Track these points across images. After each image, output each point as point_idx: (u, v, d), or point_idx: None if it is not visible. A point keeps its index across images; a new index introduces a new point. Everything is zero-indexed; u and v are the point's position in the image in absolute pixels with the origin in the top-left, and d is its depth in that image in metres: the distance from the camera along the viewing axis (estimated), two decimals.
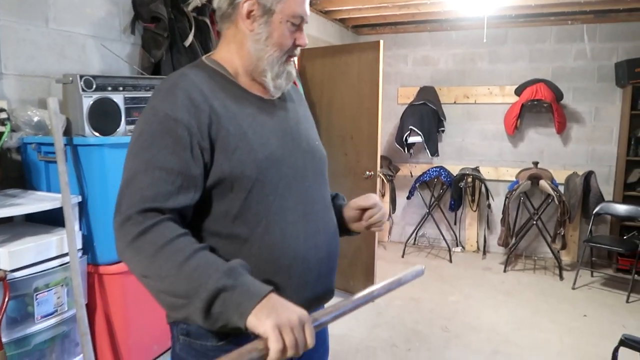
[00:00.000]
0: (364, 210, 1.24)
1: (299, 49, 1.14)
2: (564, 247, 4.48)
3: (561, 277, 4.37)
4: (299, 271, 1.06)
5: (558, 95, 4.67)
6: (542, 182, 4.48)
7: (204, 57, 1.15)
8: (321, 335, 1.26)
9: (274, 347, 0.80)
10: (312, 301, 1.11)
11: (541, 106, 4.75)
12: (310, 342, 0.85)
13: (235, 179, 1.00)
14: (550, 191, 4.39)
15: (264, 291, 0.86)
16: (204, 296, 0.85)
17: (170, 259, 0.88)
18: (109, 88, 1.90)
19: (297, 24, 1.10)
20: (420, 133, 4.86)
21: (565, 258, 4.85)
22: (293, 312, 0.85)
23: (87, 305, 1.74)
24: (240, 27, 1.09)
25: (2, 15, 1.86)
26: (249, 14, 1.07)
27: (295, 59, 1.19)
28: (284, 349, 0.81)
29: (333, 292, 1.22)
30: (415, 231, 5.24)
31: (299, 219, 1.07)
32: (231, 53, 1.11)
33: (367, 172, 3.72)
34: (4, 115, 1.76)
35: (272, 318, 0.82)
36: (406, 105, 5.16)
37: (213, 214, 1.02)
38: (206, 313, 0.86)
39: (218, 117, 1.01)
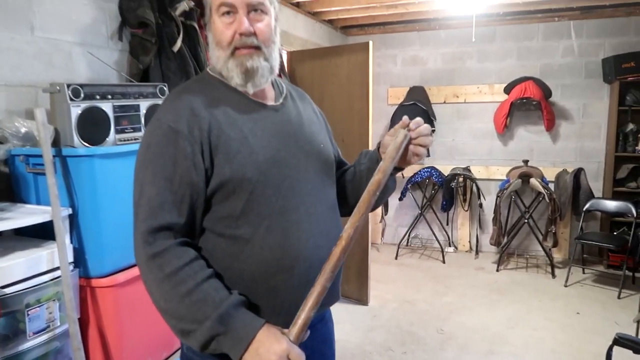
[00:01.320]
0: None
1: (248, 38, 1.06)
2: (555, 244, 4.51)
3: (553, 275, 4.40)
4: (301, 271, 1.07)
5: (547, 92, 4.70)
6: (533, 180, 4.51)
7: (208, 68, 1.17)
8: (323, 336, 1.28)
9: None
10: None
11: (530, 104, 4.76)
12: None
13: (237, 182, 1.02)
14: (541, 189, 4.42)
15: (251, 335, 0.94)
16: (200, 339, 0.94)
17: (174, 289, 0.95)
18: (97, 97, 1.86)
19: (229, 12, 1.05)
20: None
21: (557, 255, 4.88)
22: (274, 353, 0.92)
23: (79, 319, 1.70)
24: None
25: None
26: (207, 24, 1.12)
27: (275, 50, 1.13)
28: None
29: (338, 295, 1.24)
30: (408, 232, 5.25)
31: (301, 219, 1.09)
32: None
33: None
34: None
35: None
36: (396, 106, 5.17)
37: (217, 216, 1.05)
38: (202, 349, 0.96)
39: (218, 123, 1.04)
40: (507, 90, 4.83)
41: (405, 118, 1.17)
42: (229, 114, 1.06)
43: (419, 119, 1.17)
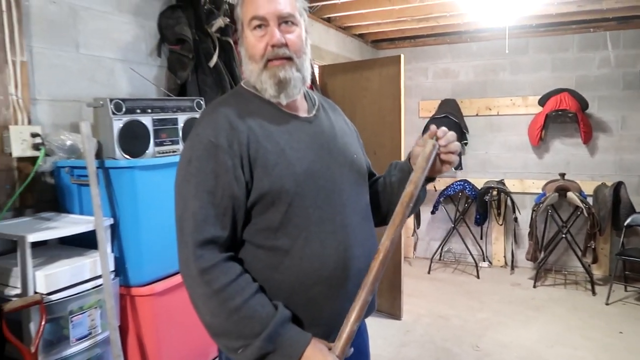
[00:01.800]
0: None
1: (280, 49, 1.09)
2: (595, 260, 4.35)
3: (593, 292, 4.24)
4: (339, 281, 1.09)
5: (583, 104, 4.59)
6: (570, 194, 4.38)
7: (242, 82, 1.20)
8: (357, 348, 1.26)
9: None
10: None
11: (566, 116, 4.66)
12: None
13: (276, 193, 1.04)
14: (579, 203, 4.29)
15: (299, 352, 0.96)
16: (250, 357, 0.96)
17: (222, 305, 0.97)
18: (138, 110, 1.93)
19: (260, 26, 1.08)
20: None
21: (597, 272, 4.70)
22: None
23: (119, 327, 1.74)
24: None
25: (35, 42, 1.91)
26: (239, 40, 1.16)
27: (305, 62, 1.14)
28: None
29: (374, 305, 1.24)
30: (441, 246, 5.16)
31: (338, 229, 1.10)
32: None
33: None
34: (38, 140, 1.80)
35: None
36: (428, 119, 5.14)
37: (257, 227, 1.07)
38: None
39: (256, 136, 1.06)
40: (542, 102, 4.74)
41: (432, 127, 1.17)
42: (264, 127, 1.08)
43: (444, 128, 1.18)
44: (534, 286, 4.46)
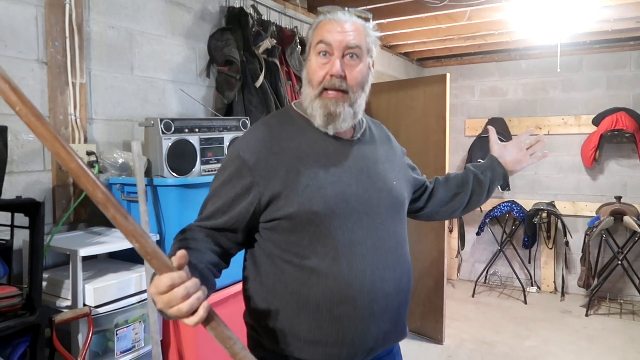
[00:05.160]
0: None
1: (338, 80, 1.10)
2: None
3: None
4: (365, 303, 1.08)
5: None
6: (627, 219, 4.16)
7: (293, 103, 1.23)
8: None
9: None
10: (379, 336, 1.13)
11: (623, 136, 4.46)
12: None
13: (304, 214, 1.06)
14: (637, 228, 4.06)
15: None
16: None
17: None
18: (186, 130, 1.99)
19: (326, 53, 1.10)
20: None
21: None
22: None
23: (161, 342, 1.78)
24: None
25: (94, 65, 2.02)
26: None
27: (353, 94, 1.12)
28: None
29: (405, 331, 1.23)
30: (486, 269, 5.00)
31: (367, 252, 1.10)
32: None
33: None
34: (93, 158, 1.89)
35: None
36: (474, 138, 5.04)
37: (286, 244, 1.09)
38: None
39: (290, 158, 1.09)
40: (597, 122, 4.55)
41: None
42: (302, 149, 1.11)
43: None
44: (587, 315, 4.24)
